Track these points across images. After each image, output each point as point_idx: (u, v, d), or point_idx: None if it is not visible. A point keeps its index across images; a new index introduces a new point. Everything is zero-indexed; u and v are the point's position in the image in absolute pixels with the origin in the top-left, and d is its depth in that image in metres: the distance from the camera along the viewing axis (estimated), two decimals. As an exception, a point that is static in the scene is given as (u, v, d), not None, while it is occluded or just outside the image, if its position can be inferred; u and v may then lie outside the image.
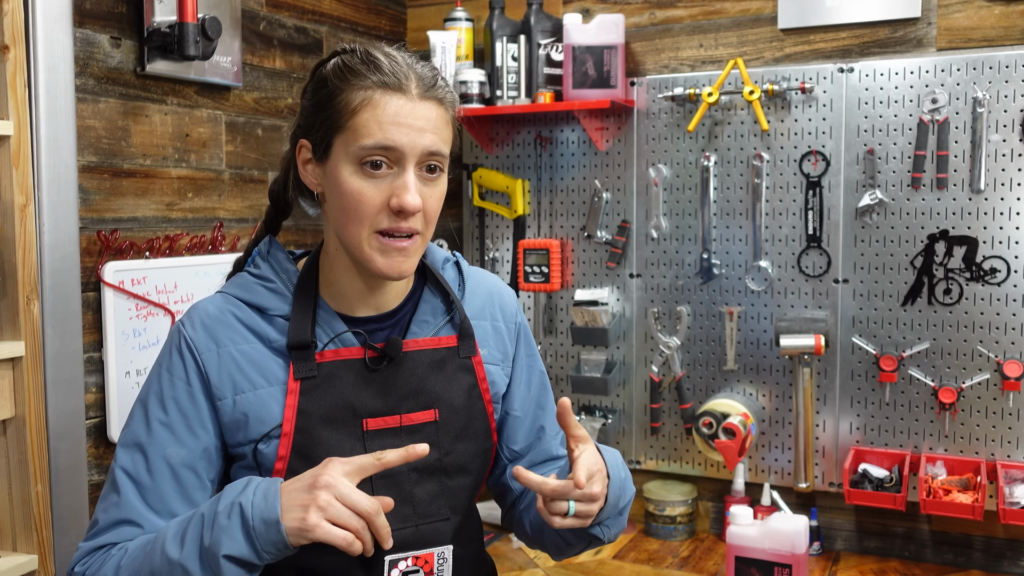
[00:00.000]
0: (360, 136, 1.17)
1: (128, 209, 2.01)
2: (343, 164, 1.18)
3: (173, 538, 1.11)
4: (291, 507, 1.07)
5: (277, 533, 1.06)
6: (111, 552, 1.17)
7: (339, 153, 1.19)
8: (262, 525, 1.06)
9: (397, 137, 1.16)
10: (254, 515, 1.07)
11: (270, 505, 1.07)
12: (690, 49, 2.52)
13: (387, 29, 2.82)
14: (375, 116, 1.16)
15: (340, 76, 1.20)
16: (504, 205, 2.74)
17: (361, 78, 1.18)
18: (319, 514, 1.05)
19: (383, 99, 1.17)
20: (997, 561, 2.26)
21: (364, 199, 1.17)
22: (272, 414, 1.22)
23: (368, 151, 1.16)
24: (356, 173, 1.18)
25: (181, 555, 1.09)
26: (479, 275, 1.43)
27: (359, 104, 1.17)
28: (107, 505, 1.20)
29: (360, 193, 1.17)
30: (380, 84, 1.18)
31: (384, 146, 1.16)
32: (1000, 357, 2.21)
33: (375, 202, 1.17)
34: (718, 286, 2.50)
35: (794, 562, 2.00)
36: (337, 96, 1.19)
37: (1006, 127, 2.18)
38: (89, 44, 1.91)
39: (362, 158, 1.17)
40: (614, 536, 1.32)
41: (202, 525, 1.10)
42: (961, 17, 2.23)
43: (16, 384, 1.72)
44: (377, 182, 1.17)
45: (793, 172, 2.39)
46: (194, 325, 1.24)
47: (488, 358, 1.37)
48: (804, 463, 2.38)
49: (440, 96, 1.21)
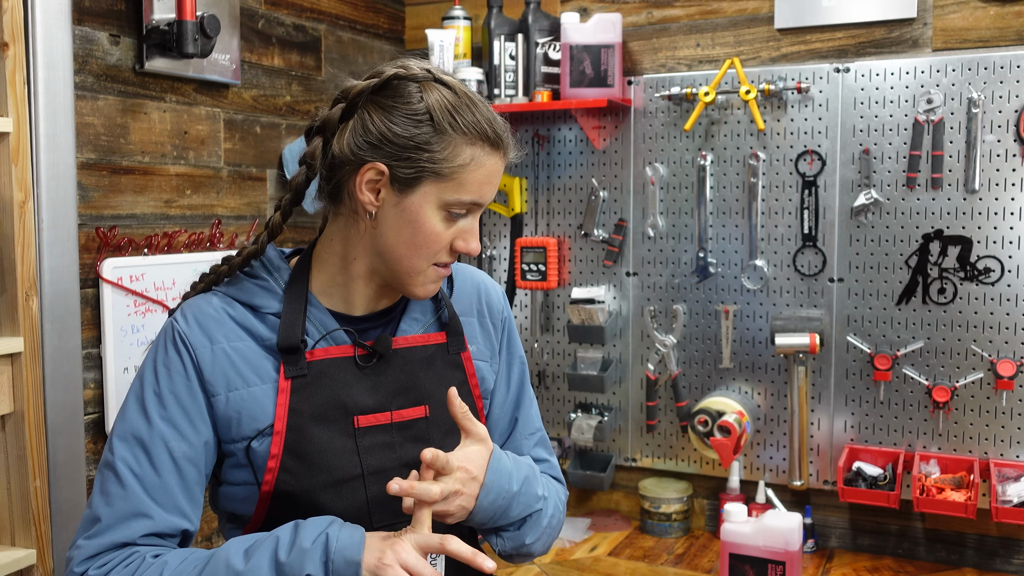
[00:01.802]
0: (462, 191, 1.20)
1: (127, 206, 2.02)
2: (429, 203, 1.20)
3: (239, 553, 1.11)
4: (371, 548, 1.10)
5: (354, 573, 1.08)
6: (144, 560, 1.14)
7: (429, 193, 1.19)
8: (343, 561, 1.08)
9: (488, 196, 1.23)
10: (337, 548, 1.09)
11: (355, 545, 1.09)
12: (687, 48, 2.53)
13: (385, 27, 2.83)
14: (477, 177, 1.21)
15: (448, 118, 1.18)
16: (501, 203, 2.75)
17: (470, 130, 1.19)
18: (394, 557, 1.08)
19: (489, 160, 1.22)
20: (990, 559, 2.27)
21: (440, 240, 1.22)
22: (264, 412, 1.22)
23: (464, 205, 1.21)
24: (439, 215, 1.21)
25: (248, 567, 1.09)
26: (466, 271, 1.44)
27: (470, 161, 1.20)
28: (110, 499, 1.17)
29: (438, 235, 1.21)
30: (490, 145, 1.21)
31: (477, 203, 1.22)
32: (994, 356, 2.22)
33: (445, 241, 1.23)
34: (714, 285, 2.51)
35: (788, 559, 2.01)
36: (442, 140, 1.18)
37: (1001, 127, 2.19)
38: (88, 41, 1.91)
39: (451, 207, 1.21)
40: (511, 550, 1.30)
41: (276, 545, 1.10)
42: (957, 18, 2.24)
43: (15, 380, 1.73)
44: (450, 224, 1.22)
45: (789, 171, 2.40)
46: (188, 321, 1.24)
47: (477, 354, 1.38)
48: (799, 461, 2.39)
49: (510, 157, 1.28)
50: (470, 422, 1.22)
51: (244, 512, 1.26)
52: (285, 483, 1.21)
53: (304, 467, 1.21)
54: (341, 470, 1.22)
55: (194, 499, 1.21)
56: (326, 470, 1.22)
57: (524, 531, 1.29)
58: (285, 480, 1.21)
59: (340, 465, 1.23)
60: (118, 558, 1.15)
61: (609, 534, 2.54)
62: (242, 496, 1.25)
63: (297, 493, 1.21)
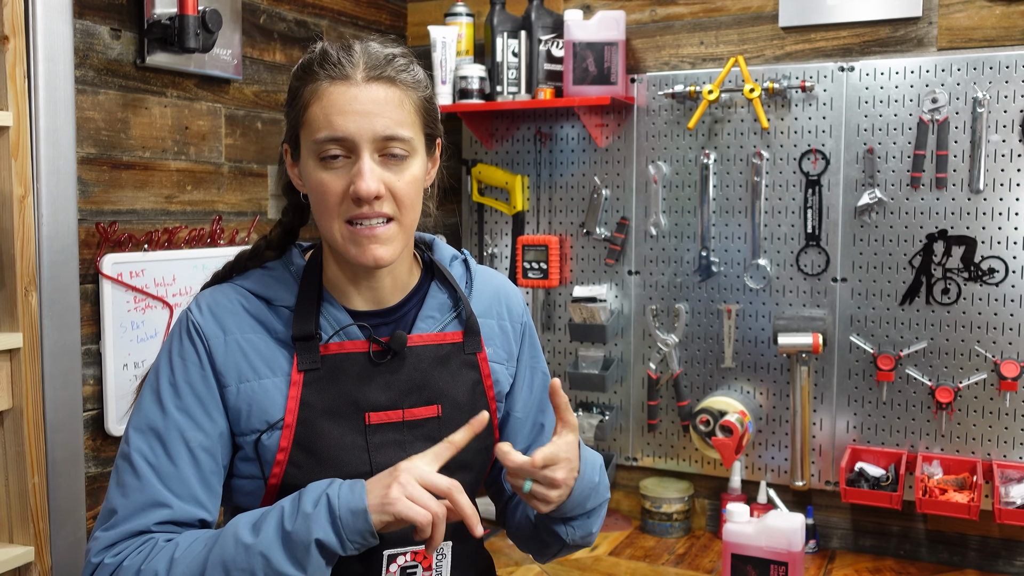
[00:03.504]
0: (313, 130, 1.18)
1: (127, 201, 2.00)
2: (308, 160, 1.20)
3: (247, 527, 1.10)
4: (374, 490, 1.09)
5: (364, 522, 1.08)
6: (156, 544, 1.14)
7: (304, 150, 1.21)
8: (349, 515, 1.08)
9: (343, 125, 1.16)
10: (340, 505, 1.08)
11: (357, 496, 1.09)
12: (691, 46, 2.52)
13: (387, 23, 2.82)
14: (321, 108, 1.17)
15: (299, 75, 1.22)
16: (503, 201, 2.74)
17: (312, 73, 1.19)
18: (400, 489, 1.08)
19: (328, 89, 1.17)
20: (992, 561, 2.27)
21: (327, 190, 1.18)
22: (275, 405, 1.21)
23: (321, 144, 1.17)
24: (318, 166, 1.19)
25: (257, 540, 1.08)
26: (487, 274, 1.43)
27: (309, 98, 1.19)
28: (126, 491, 1.17)
29: (323, 185, 1.18)
30: (327, 76, 1.18)
31: (333, 138, 1.16)
32: (997, 357, 2.21)
33: (337, 192, 1.18)
34: (716, 284, 2.50)
35: (790, 560, 2.00)
36: (297, 94, 1.21)
37: (1006, 127, 2.18)
38: (89, 35, 1.90)
39: (319, 153, 1.18)
40: (579, 539, 1.31)
41: (282, 516, 1.10)
42: (962, 17, 2.24)
43: (14, 376, 1.72)
44: (337, 172, 1.18)
45: (793, 171, 2.39)
46: (202, 311, 1.24)
47: (493, 356, 1.37)
48: (801, 461, 2.38)
49: (390, 75, 1.19)
50: (568, 412, 1.22)
51: (250, 506, 1.25)
52: (293, 477, 1.20)
53: (313, 462, 1.21)
54: (350, 466, 1.22)
55: (211, 489, 1.20)
56: (335, 466, 1.21)
57: (592, 520, 1.32)
58: (293, 474, 1.20)
59: (349, 461, 1.22)
60: (132, 545, 1.15)
61: (610, 534, 2.53)
62: (249, 489, 1.24)
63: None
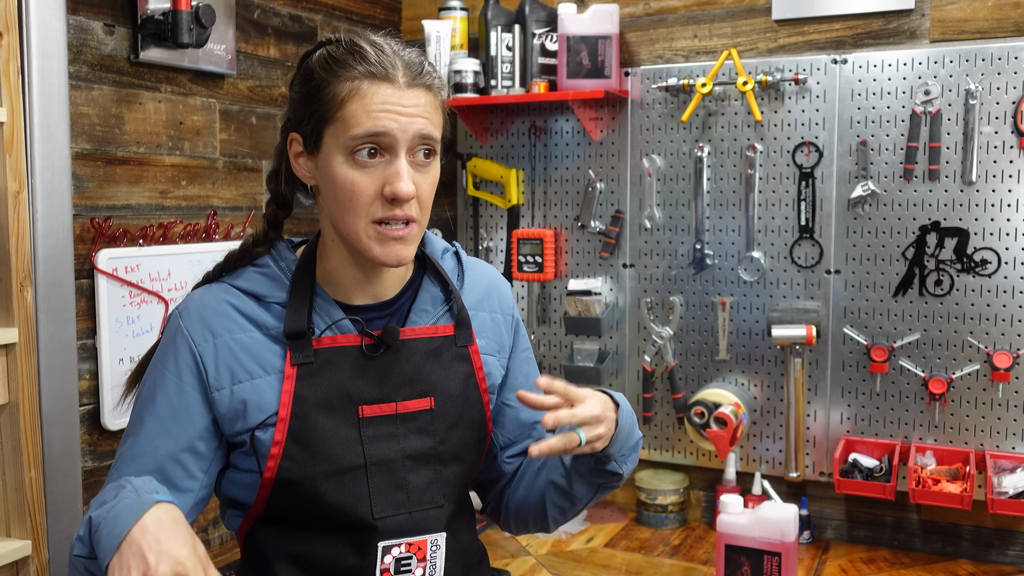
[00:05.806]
0: (350, 126, 1.16)
1: (122, 196, 2.01)
2: (335, 155, 1.18)
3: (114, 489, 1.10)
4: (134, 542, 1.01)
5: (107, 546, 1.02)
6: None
7: (330, 145, 1.19)
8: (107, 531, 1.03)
9: (387, 124, 1.16)
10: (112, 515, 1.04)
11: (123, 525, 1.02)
12: (684, 40, 2.53)
13: (382, 18, 2.82)
14: (363, 105, 1.16)
15: (327, 68, 1.20)
16: (498, 195, 2.74)
17: (348, 68, 1.18)
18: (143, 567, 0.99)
19: (371, 88, 1.17)
20: (985, 550, 2.28)
21: (358, 189, 1.18)
22: (269, 402, 1.22)
23: (359, 140, 1.16)
24: (348, 163, 1.18)
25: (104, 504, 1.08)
26: (479, 266, 1.44)
27: (347, 95, 1.17)
28: (107, 481, 1.22)
29: (353, 184, 1.18)
30: (367, 74, 1.17)
31: (374, 133, 1.16)
32: (990, 348, 2.22)
33: (369, 191, 1.18)
34: (711, 276, 2.50)
35: (784, 551, 2.01)
36: (325, 88, 1.19)
37: (998, 119, 2.19)
38: (83, 31, 1.90)
39: (353, 148, 1.17)
40: (627, 472, 1.34)
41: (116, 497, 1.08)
42: (954, 9, 2.24)
43: (9, 371, 1.72)
44: (369, 171, 1.18)
45: (786, 163, 2.40)
46: (191, 316, 1.25)
47: (485, 348, 1.38)
48: (795, 453, 2.40)
49: (428, 82, 1.21)
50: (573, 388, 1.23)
51: (245, 499, 1.27)
52: (287, 470, 1.21)
53: (307, 455, 1.21)
54: (344, 459, 1.23)
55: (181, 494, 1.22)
56: (329, 459, 1.22)
57: (636, 454, 1.35)
58: (287, 467, 1.21)
59: (343, 454, 1.23)
60: None
61: (605, 525, 2.54)
62: (245, 482, 1.26)
63: (299, 481, 1.21)
